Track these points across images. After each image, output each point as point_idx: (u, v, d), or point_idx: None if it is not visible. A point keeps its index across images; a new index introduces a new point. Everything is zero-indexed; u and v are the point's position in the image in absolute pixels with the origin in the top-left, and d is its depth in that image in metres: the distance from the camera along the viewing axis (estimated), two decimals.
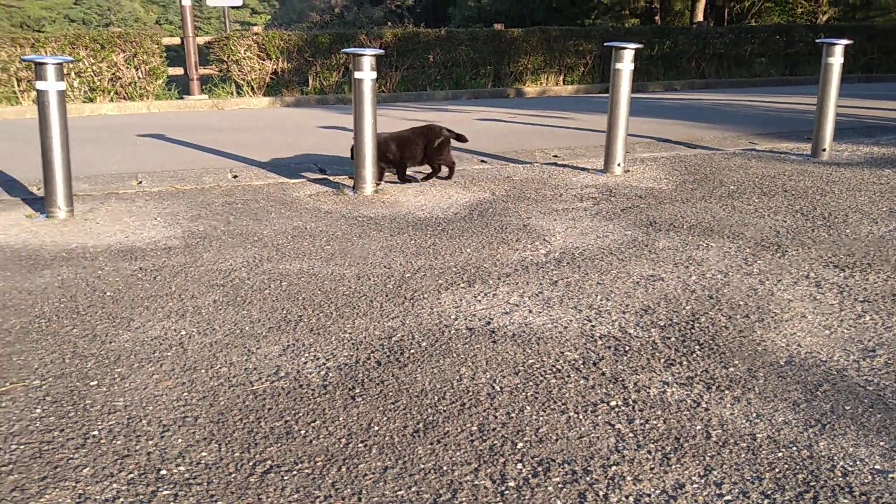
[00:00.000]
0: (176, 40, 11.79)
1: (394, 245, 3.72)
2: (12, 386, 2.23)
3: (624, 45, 5.25)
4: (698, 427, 1.98)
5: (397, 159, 5.21)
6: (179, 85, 11.96)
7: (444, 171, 5.43)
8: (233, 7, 12.43)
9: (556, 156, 6.31)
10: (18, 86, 10.76)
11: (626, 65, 5.25)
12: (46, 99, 4.20)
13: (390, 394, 2.15)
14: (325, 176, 5.57)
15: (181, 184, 5.27)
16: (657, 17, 19.86)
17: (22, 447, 1.90)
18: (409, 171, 5.35)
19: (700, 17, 18.04)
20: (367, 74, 4.79)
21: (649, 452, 1.85)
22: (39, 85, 4.20)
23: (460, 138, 5.43)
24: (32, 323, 2.72)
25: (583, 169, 5.71)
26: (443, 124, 5.44)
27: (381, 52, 5.14)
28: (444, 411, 2.05)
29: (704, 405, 2.09)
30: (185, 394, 2.17)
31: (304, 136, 7.80)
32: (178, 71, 11.72)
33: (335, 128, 8.47)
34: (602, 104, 5.87)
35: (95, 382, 2.25)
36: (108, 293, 3.03)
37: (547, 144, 6.99)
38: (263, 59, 11.87)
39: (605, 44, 5.78)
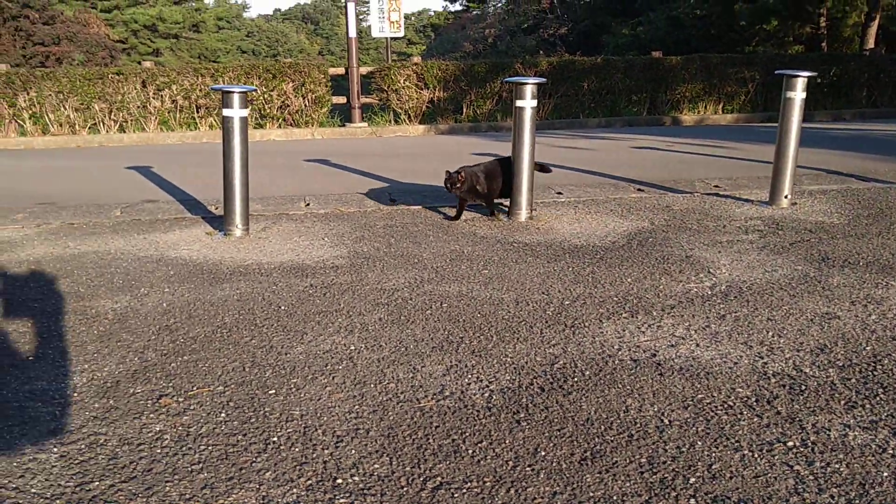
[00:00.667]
0: (340, 70, 12.37)
1: (551, 272, 3.72)
2: (199, 391, 2.39)
3: (796, 72, 5.03)
4: (885, 474, 1.85)
5: (485, 191, 5.02)
6: (341, 113, 12.53)
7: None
8: (393, 38, 12.91)
9: (717, 186, 6.11)
10: (197, 112, 11.61)
11: (797, 93, 5.02)
12: (231, 125, 4.52)
13: (555, 420, 2.15)
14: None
15: (345, 206, 5.50)
16: (823, 44, 18.87)
17: (210, 448, 2.03)
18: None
19: (871, 43, 16.99)
20: (528, 103, 4.84)
21: (832, 497, 1.75)
22: (225, 112, 4.52)
23: (544, 169, 5.29)
24: (215, 332, 2.92)
25: (746, 200, 5.49)
26: (596, 151, 5.39)
27: (544, 80, 5.17)
28: (612, 441, 2.02)
29: (891, 451, 1.95)
30: (356, 406, 2.25)
31: (459, 162, 7.94)
32: (341, 100, 12.29)
33: (488, 154, 8.58)
34: (764, 134, 5.69)
35: (273, 391, 2.38)
36: (283, 307, 3.21)
37: (707, 174, 6.78)
38: (421, 89, 12.24)
39: (777, 72, 5.54)
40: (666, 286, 3.44)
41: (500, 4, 43.46)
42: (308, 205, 5.61)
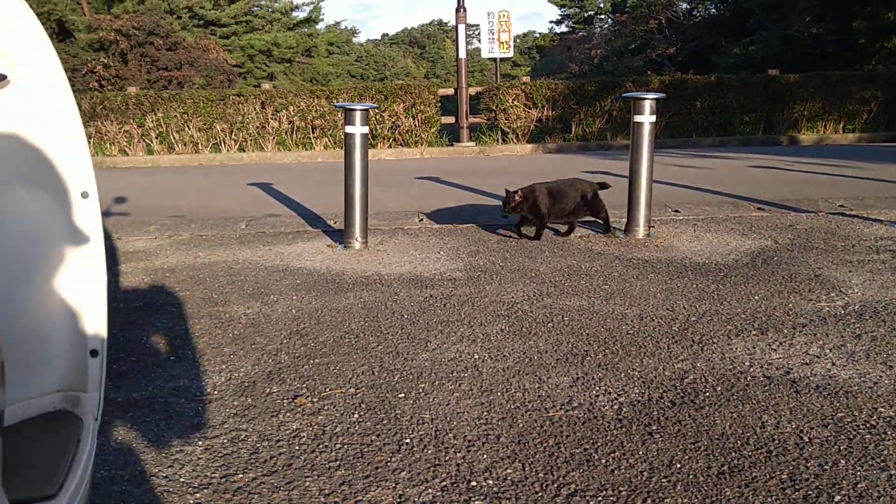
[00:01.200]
0: (450, 91, 12.56)
1: (674, 288, 3.65)
2: (332, 392, 2.47)
3: None
4: None
5: (544, 212, 4.80)
6: (450, 132, 12.70)
7: (563, 227, 5.13)
8: (501, 59, 13.02)
9: (841, 205, 5.86)
10: (313, 133, 12.01)
11: None
12: (353, 141, 4.66)
13: (689, 434, 2.10)
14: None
15: (457, 222, 5.57)
16: None
17: (345, 447, 2.09)
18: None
19: None
20: (646, 118, 4.79)
21: None
22: (348, 129, 4.67)
23: (603, 186, 5.07)
24: (343, 338, 3.00)
25: (875, 220, 5.24)
26: (712, 170, 5.27)
27: (662, 95, 5.11)
28: (749, 456, 1.97)
29: None
30: (485, 413, 2.27)
31: None
32: (450, 119, 12.46)
33: (597, 172, 8.51)
34: (889, 154, 5.42)
35: (403, 395, 2.43)
36: (406, 316, 3.27)
37: (830, 193, 6.51)
38: (529, 108, 12.28)
39: None
40: (796, 304, 3.33)
41: (606, 25, 43.14)
42: (422, 220, 5.71)
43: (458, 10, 11.75)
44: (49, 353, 1.43)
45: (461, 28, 11.78)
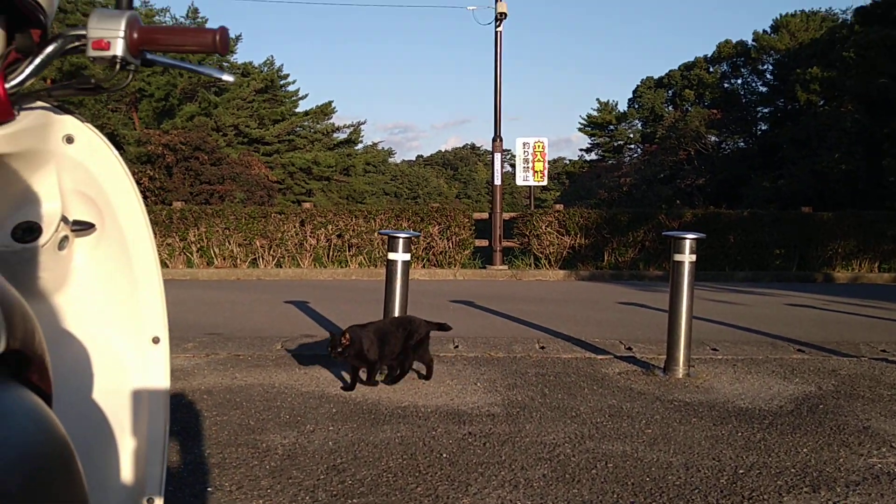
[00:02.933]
0: (484, 215, 12.79)
1: (719, 436, 3.56)
2: None
3: None
4: None
5: (374, 358, 4.31)
6: (482, 255, 12.85)
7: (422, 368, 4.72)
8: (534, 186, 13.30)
9: (884, 350, 5.76)
10: (349, 251, 12.21)
11: None
12: (395, 268, 4.73)
13: None
14: (632, 354, 5.56)
15: (493, 351, 5.54)
16: None
17: None
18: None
19: None
20: (686, 257, 4.82)
21: None
22: (391, 255, 4.75)
23: (443, 327, 4.75)
24: (381, 476, 2.95)
25: None
26: (747, 306, 5.23)
27: (703, 236, 5.15)
28: None
29: None
30: None
31: (603, 311, 7.90)
32: (483, 242, 12.62)
33: (633, 304, 8.50)
34: None
35: None
36: (444, 455, 3.21)
37: (871, 337, 6.41)
38: (562, 235, 12.42)
39: None
40: (846, 459, 3.22)
41: (636, 155, 44.11)
42: (457, 346, 5.69)
43: (494, 140, 12.13)
44: (107, 500, 1.42)
45: (497, 157, 12.11)
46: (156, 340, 1.47)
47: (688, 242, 4.83)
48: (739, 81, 37.47)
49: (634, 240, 12.47)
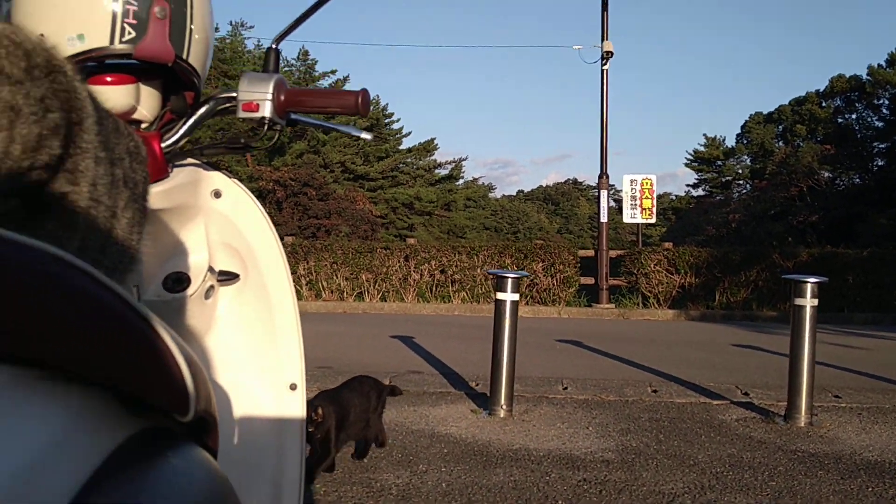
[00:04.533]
0: (590, 253, 12.64)
1: (848, 491, 3.35)
2: None
3: None
4: None
5: (333, 434, 3.32)
6: (587, 293, 12.67)
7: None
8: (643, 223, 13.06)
9: None
10: (452, 286, 12.28)
11: None
12: (503, 308, 4.71)
13: None
14: (749, 399, 5.33)
15: (604, 394, 5.42)
16: None
17: None
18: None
19: None
20: (808, 301, 4.62)
21: None
22: (499, 295, 4.74)
23: (395, 391, 4.12)
24: None
25: None
26: (870, 351, 4.94)
27: (825, 280, 4.91)
28: None
29: None
30: None
31: (717, 354, 7.63)
32: (588, 280, 12.45)
33: (747, 346, 8.18)
34: None
35: None
36: (560, 502, 3.15)
37: None
38: (671, 273, 12.13)
39: None
40: None
41: (744, 191, 42.76)
42: (566, 388, 5.60)
43: (600, 177, 12.02)
44: None
45: (603, 194, 11.99)
46: (293, 387, 1.50)
47: (809, 286, 4.62)
48: (854, 116, 35.94)
49: (747, 279, 12.04)
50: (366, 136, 1.42)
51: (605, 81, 12.36)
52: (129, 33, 1.17)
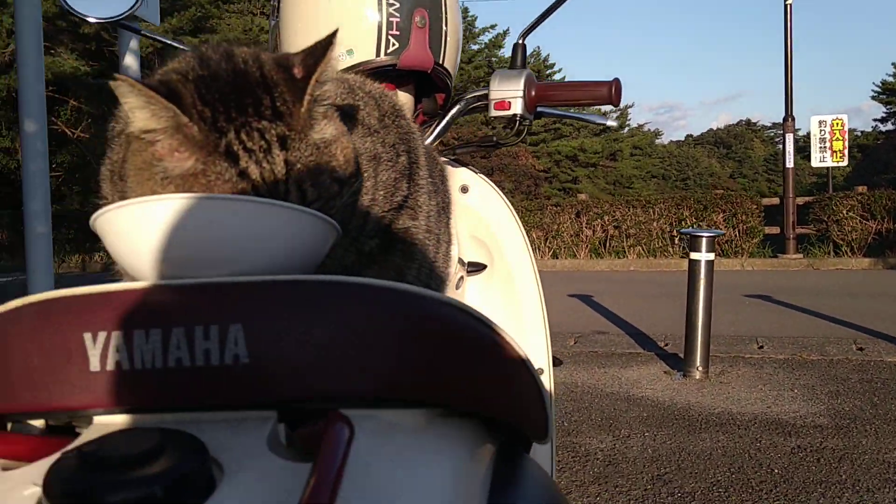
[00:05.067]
0: (775, 201, 11.96)
1: None
2: None
3: None
4: None
5: None
6: (772, 243, 12.02)
7: None
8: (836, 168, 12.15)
9: None
10: (626, 241, 12.04)
11: None
12: (698, 268, 4.56)
13: None
14: None
15: (804, 353, 5.16)
16: None
17: None
18: None
19: None
20: None
21: None
22: (693, 255, 4.59)
23: (556, 362, 3.65)
24: (711, 491, 2.86)
25: None
26: None
27: None
28: None
29: None
30: None
31: None
32: (773, 230, 11.81)
33: None
34: None
35: None
36: (776, 471, 3.05)
37: None
38: (866, 219, 11.26)
39: None
40: None
41: None
42: (762, 347, 5.38)
43: (785, 120, 11.27)
44: None
45: (789, 137, 11.24)
46: (540, 371, 1.53)
47: None
48: None
49: None
50: (611, 123, 1.41)
51: (788, 17, 11.45)
52: (393, 44, 1.22)
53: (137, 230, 0.59)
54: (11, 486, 0.48)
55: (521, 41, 1.39)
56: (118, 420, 0.53)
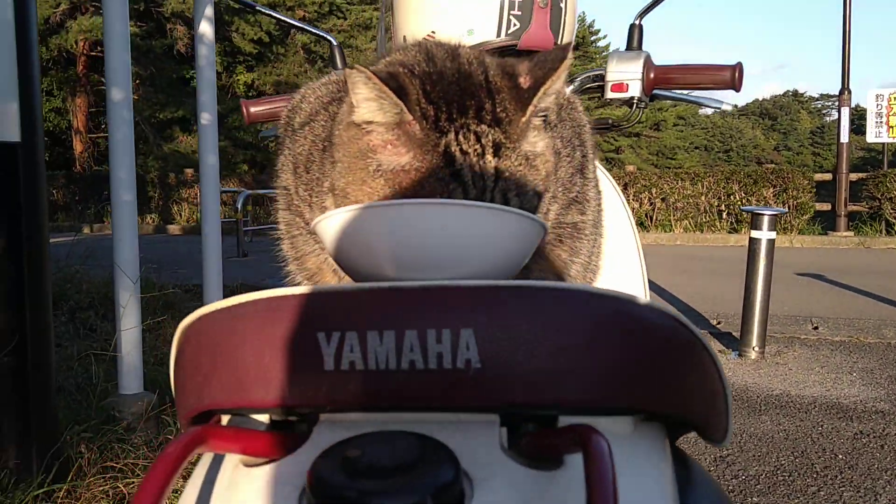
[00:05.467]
0: (827, 176, 11.72)
1: None
2: None
3: None
4: None
5: None
6: (822, 220, 11.81)
7: None
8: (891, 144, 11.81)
9: None
10: (673, 215, 11.90)
11: None
12: (758, 247, 4.51)
13: None
14: None
15: (860, 335, 5.09)
16: None
17: None
18: None
19: None
20: None
21: None
22: (754, 234, 4.54)
23: None
24: (775, 475, 2.86)
25: None
26: None
27: None
28: None
29: None
30: None
31: None
32: (823, 206, 11.59)
33: None
34: None
35: None
36: (840, 456, 3.03)
37: None
38: None
39: None
40: None
41: None
42: (817, 328, 5.32)
43: (841, 93, 10.97)
44: None
45: (845, 111, 10.96)
46: None
47: None
48: None
49: None
50: (727, 106, 1.40)
51: None
52: (514, 24, 1.20)
53: (369, 232, 0.60)
54: (270, 483, 0.51)
55: (637, 21, 1.37)
56: (344, 417, 0.55)
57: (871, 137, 11.60)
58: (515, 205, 0.67)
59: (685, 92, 1.44)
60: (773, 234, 4.52)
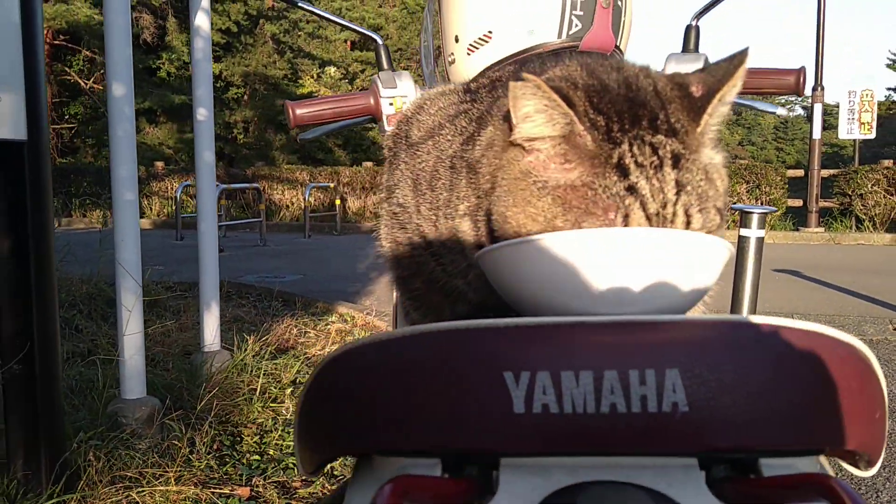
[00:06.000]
0: (799, 172, 11.87)
1: None
2: None
3: None
4: None
5: None
6: (793, 215, 11.97)
7: None
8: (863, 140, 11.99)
9: None
10: None
11: None
12: (747, 245, 4.51)
13: None
14: None
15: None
16: None
17: None
18: None
19: None
20: None
21: None
22: (743, 231, 4.53)
23: None
24: None
25: None
26: None
27: None
28: None
29: None
30: None
31: None
32: (795, 202, 11.74)
33: None
34: None
35: None
36: None
37: None
38: (891, 194, 11.19)
39: None
40: None
41: None
42: None
43: (814, 89, 11.11)
44: None
45: (818, 107, 11.10)
46: None
47: None
48: None
49: None
50: (781, 112, 1.37)
51: None
52: (576, 25, 1.16)
53: (555, 261, 0.56)
54: None
55: (694, 23, 1.34)
56: (524, 461, 0.52)
57: (843, 134, 11.77)
58: (698, 222, 0.63)
59: (748, 97, 1.41)
60: (762, 233, 4.53)
